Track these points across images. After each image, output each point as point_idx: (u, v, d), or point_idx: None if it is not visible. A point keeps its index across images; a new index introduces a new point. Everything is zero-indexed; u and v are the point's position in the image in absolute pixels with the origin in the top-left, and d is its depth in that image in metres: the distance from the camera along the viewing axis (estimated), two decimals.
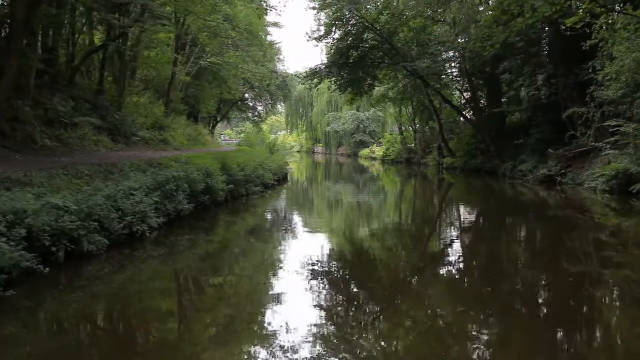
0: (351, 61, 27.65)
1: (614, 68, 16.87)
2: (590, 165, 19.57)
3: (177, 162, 15.78)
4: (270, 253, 10.55)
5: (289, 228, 13.55)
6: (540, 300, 7.43)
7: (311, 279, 8.16)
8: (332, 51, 27.80)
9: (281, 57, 50.94)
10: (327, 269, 8.95)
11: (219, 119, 53.55)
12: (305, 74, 29.55)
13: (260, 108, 56.93)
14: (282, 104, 63.88)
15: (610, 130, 17.79)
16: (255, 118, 56.60)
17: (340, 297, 7.51)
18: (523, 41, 20.98)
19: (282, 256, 10.24)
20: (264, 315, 6.70)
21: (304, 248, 10.83)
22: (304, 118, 74.15)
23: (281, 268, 9.16)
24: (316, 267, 8.96)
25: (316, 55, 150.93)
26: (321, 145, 72.92)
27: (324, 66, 28.01)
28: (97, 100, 20.37)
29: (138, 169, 12.99)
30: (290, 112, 74.85)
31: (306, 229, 13.49)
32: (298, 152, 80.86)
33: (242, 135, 64.66)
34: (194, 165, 15.18)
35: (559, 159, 21.10)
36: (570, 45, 20.60)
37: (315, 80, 29.20)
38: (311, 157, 67.77)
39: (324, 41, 28.42)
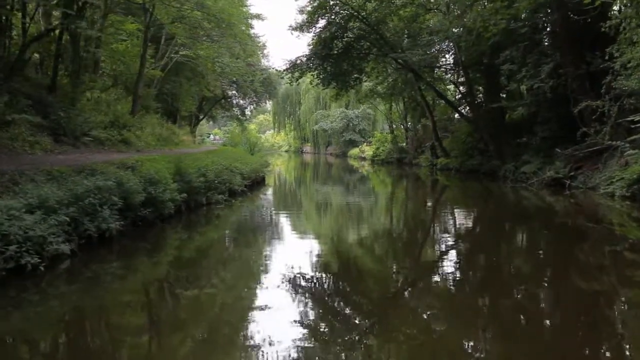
0: (335, 52, 25.13)
1: (637, 54, 14.40)
2: (605, 167, 17.20)
3: (123, 166, 13.22)
4: (227, 286, 8.00)
5: (255, 249, 10.98)
6: (547, 323, 6.31)
7: (280, 329, 5.68)
8: (314, 41, 25.14)
9: (265, 52, 48.38)
10: (302, 312, 6.40)
11: (201, 118, 51.04)
12: (284, 67, 26.84)
13: (244, 106, 54.46)
14: (268, 101, 61.27)
15: (632, 126, 15.36)
16: (240, 116, 54.04)
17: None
18: (527, 26, 18.52)
19: (242, 291, 7.71)
20: None
21: (273, 278, 8.14)
22: (291, 116, 71.47)
23: (241, 311, 6.66)
24: (286, 311, 6.42)
25: (304, 51, 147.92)
26: (309, 144, 70.39)
27: (305, 58, 25.33)
28: (41, 95, 17.80)
29: (59, 176, 10.38)
30: (277, 110, 72.24)
31: (275, 250, 10.87)
32: (286, 151, 78.68)
33: (229, 134, 62.29)
34: (141, 170, 12.62)
35: (567, 160, 18.71)
36: (580, 30, 18.23)
37: (296, 74, 26.54)
38: (299, 157, 65.62)
39: (307, 32, 25.77)
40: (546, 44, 20.72)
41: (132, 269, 8.97)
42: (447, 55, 27.85)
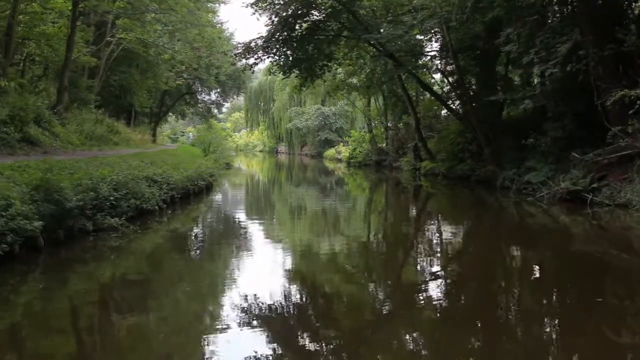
0: (297, 34, 20.79)
1: None
2: (639, 177, 13.19)
3: None
4: None
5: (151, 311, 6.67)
6: None
7: None
8: (273, 20, 20.64)
9: (233, 42, 43.80)
10: None
11: (161, 115, 46.46)
12: (237, 51, 22.27)
13: (211, 101, 50.06)
14: (236, 96, 56.74)
15: None
16: (206, 113, 49.66)
17: None
18: None
19: None
20: None
21: None
22: (265, 114, 66.85)
23: None
24: None
25: (259, 32, 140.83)
26: (284, 144, 66.01)
27: (261, 40, 20.84)
28: None
29: None
30: (249, 106, 67.66)
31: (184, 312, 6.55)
32: (261, 151, 74.55)
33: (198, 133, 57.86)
34: None
35: (587, 167, 14.62)
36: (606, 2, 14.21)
37: (251, 60, 22.09)
38: (274, 157, 61.36)
39: (264, 9, 21.18)
40: (558, 18, 16.58)
41: None
42: (433, 39, 23.61)
